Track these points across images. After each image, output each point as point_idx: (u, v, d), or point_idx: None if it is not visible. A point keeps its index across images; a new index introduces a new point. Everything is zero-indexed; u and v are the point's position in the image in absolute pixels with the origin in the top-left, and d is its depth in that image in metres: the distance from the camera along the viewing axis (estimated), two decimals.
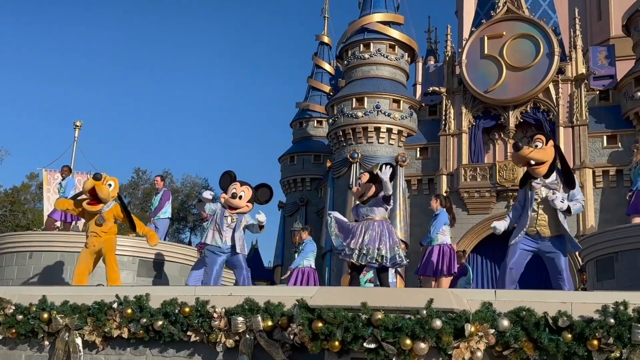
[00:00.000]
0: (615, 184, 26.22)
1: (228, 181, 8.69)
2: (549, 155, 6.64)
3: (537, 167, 6.63)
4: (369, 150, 29.41)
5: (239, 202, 8.54)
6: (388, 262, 7.43)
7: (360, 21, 30.97)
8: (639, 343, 4.68)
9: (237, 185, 8.61)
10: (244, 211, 8.65)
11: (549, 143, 6.76)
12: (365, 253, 7.38)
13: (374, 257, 7.37)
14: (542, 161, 6.59)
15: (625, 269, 9.51)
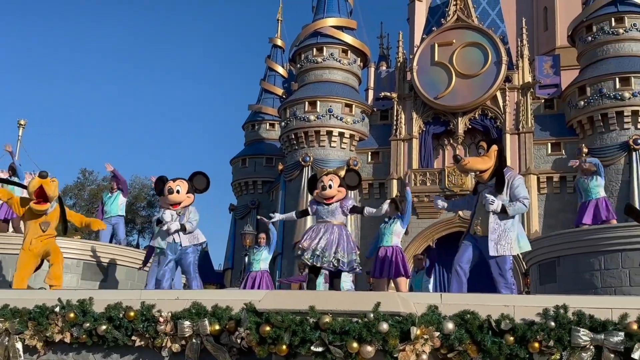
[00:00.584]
0: (558, 190, 27.02)
1: (161, 184, 8.61)
2: (490, 162, 6.82)
3: (480, 174, 6.84)
4: (321, 154, 29.52)
5: (177, 196, 8.44)
6: (345, 267, 7.44)
7: (313, 25, 31.09)
8: (579, 345, 4.81)
9: (171, 182, 8.53)
10: (186, 203, 8.54)
11: (491, 148, 6.94)
12: (319, 255, 7.37)
13: (330, 260, 7.37)
14: (482, 169, 6.81)
15: (566, 273, 9.80)
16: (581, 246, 9.67)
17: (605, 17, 26.93)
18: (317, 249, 7.38)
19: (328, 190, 7.66)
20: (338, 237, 7.45)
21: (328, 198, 7.69)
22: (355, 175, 8.24)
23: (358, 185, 8.25)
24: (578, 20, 28.03)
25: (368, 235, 27.10)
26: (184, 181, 8.62)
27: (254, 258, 12.62)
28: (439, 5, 31.03)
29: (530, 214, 26.67)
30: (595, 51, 27.16)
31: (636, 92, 25.56)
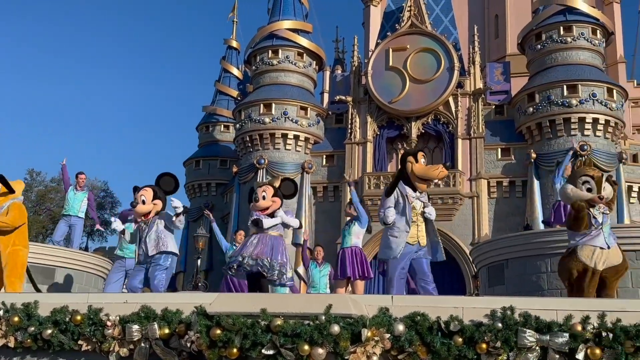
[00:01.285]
0: (508, 195, 27.62)
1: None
2: None
3: (426, 183, 6.99)
4: (276, 157, 29.46)
5: (143, 207, 8.18)
6: (274, 276, 7.45)
7: (269, 27, 31.03)
8: (525, 346, 4.90)
9: (137, 195, 8.27)
10: (155, 211, 8.27)
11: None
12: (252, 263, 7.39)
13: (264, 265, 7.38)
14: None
15: (514, 275, 10.01)
16: (528, 249, 9.90)
17: (554, 26, 27.70)
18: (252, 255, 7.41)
19: (261, 202, 7.68)
20: (270, 249, 7.47)
21: (262, 209, 7.72)
22: (291, 184, 8.25)
23: (294, 194, 8.24)
24: (528, 29, 28.76)
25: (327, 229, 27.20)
26: (148, 188, 8.33)
27: None
28: (394, 10, 31.41)
29: (480, 217, 27.21)
30: (544, 59, 27.90)
31: (583, 99, 26.36)
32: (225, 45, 37.81)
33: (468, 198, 27.45)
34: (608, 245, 6.59)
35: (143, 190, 8.26)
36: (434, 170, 6.98)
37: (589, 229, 6.60)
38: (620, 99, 27.28)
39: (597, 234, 6.61)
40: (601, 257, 6.52)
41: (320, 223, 28.83)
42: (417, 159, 6.99)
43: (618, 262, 6.61)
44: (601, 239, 6.60)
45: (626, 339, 4.64)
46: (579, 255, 6.59)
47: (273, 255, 7.53)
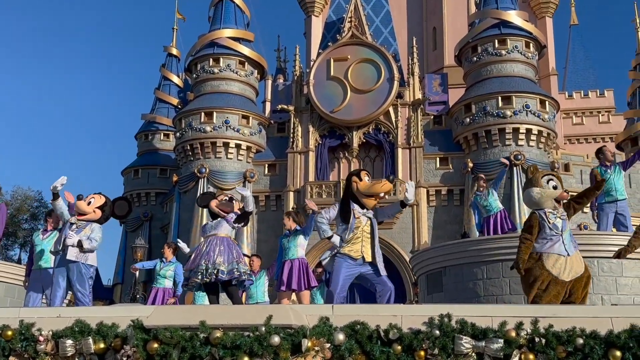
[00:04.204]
0: (446, 203, 28.21)
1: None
2: None
3: (371, 198, 7.07)
4: (217, 166, 29.21)
5: (84, 206, 8.00)
6: (225, 276, 7.39)
7: (210, 35, 30.80)
8: (461, 353, 4.98)
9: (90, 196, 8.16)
10: (91, 218, 8.07)
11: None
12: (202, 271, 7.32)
13: (212, 272, 7.32)
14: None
15: (452, 282, 10.21)
16: (466, 256, 10.12)
17: (489, 39, 28.56)
18: (201, 265, 7.35)
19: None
20: (219, 248, 7.44)
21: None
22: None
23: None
24: (464, 41, 29.55)
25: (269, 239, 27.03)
26: (102, 196, 8.19)
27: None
28: (335, 21, 31.74)
29: (419, 225, 27.69)
30: (480, 71, 28.71)
31: (517, 110, 27.24)
32: (165, 53, 37.27)
33: (408, 206, 27.79)
34: (568, 252, 6.56)
35: (97, 195, 8.15)
36: (377, 185, 7.08)
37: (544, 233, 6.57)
38: (552, 110, 28.33)
39: (557, 240, 6.58)
40: (565, 266, 6.50)
41: (262, 232, 28.72)
42: (360, 178, 7.11)
43: (582, 271, 6.58)
44: (560, 245, 6.58)
45: (558, 344, 4.78)
46: (545, 264, 6.54)
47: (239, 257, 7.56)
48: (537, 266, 6.54)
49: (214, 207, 7.73)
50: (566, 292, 6.50)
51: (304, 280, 9.83)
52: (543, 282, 6.44)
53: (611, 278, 8.94)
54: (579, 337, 4.72)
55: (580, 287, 6.55)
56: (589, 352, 4.66)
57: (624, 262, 9.03)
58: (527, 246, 6.56)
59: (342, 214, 7.12)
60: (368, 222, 7.10)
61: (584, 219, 25.74)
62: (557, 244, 6.56)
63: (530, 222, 6.66)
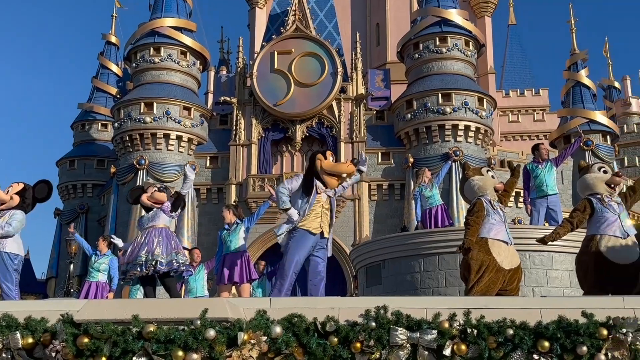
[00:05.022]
0: (387, 197, 28.57)
1: None
2: None
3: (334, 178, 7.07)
4: (157, 157, 28.67)
5: (2, 194, 7.66)
6: (164, 267, 7.26)
7: (150, 24, 30.15)
8: (396, 344, 5.04)
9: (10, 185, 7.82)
10: (10, 205, 7.73)
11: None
12: (141, 262, 7.16)
13: (151, 264, 7.18)
14: None
15: (390, 275, 10.35)
16: (404, 250, 10.27)
17: (430, 37, 29.02)
18: (141, 256, 7.19)
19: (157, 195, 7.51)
20: (157, 239, 7.29)
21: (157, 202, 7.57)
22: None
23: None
24: (406, 38, 29.94)
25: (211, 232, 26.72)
26: (21, 183, 7.86)
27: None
28: (279, 14, 31.60)
29: (361, 219, 27.95)
30: (422, 68, 29.15)
31: (456, 107, 27.81)
32: (104, 41, 36.26)
33: (350, 200, 28.11)
34: (510, 241, 6.67)
35: (15, 183, 7.83)
36: (342, 165, 7.12)
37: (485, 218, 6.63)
38: (490, 107, 29.05)
39: (501, 227, 6.66)
40: (507, 255, 6.58)
41: (204, 225, 28.39)
42: (325, 157, 7.12)
43: (518, 262, 6.69)
44: (505, 233, 6.67)
45: (489, 335, 4.88)
46: (491, 249, 6.57)
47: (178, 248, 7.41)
48: (482, 251, 6.62)
49: (145, 201, 7.57)
50: (504, 281, 6.64)
51: (245, 273, 9.77)
52: (487, 268, 6.55)
53: (542, 271, 9.25)
54: (509, 328, 4.84)
55: (517, 278, 6.71)
56: (518, 342, 4.78)
57: (554, 256, 9.35)
58: (474, 229, 6.62)
59: (304, 188, 7.08)
60: (328, 200, 7.12)
61: (519, 213, 26.57)
62: (502, 231, 6.68)
63: (476, 207, 6.76)
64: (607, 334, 4.72)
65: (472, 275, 6.57)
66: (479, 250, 6.61)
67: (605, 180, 6.75)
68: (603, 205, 6.65)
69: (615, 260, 6.47)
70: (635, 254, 6.56)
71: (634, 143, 37.55)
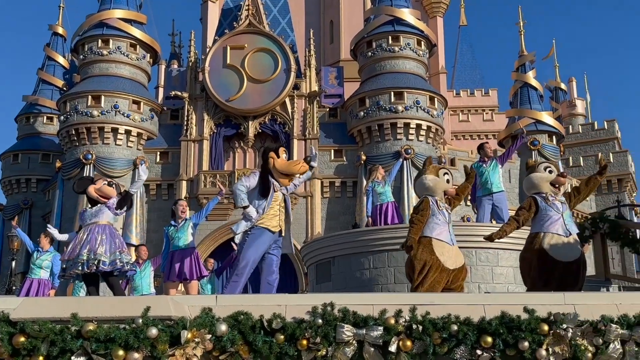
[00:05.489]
0: (339, 194, 28.67)
1: None
2: None
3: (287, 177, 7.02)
4: (105, 152, 28.04)
5: None
6: (107, 267, 7.05)
7: (99, 15, 29.44)
8: (343, 341, 5.03)
9: None
10: None
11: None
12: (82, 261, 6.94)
13: (93, 263, 6.96)
14: None
15: (340, 272, 10.37)
16: (354, 247, 10.30)
17: (383, 35, 29.23)
18: (82, 254, 6.96)
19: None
20: (100, 236, 7.08)
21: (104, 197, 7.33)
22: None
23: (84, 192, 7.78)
24: (360, 36, 30.08)
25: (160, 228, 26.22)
26: None
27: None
28: (232, 8, 31.29)
29: (313, 216, 27.97)
30: (374, 66, 29.34)
31: (408, 106, 28.10)
32: (50, 32, 35.19)
33: (302, 197, 28.09)
34: (453, 242, 6.76)
35: None
36: (295, 165, 7.04)
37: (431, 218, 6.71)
38: (441, 107, 29.46)
39: (444, 227, 6.74)
40: (450, 255, 6.66)
41: (153, 222, 27.89)
42: (278, 155, 7.01)
43: (462, 262, 6.78)
44: (447, 234, 6.76)
45: (434, 330, 4.92)
46: (434, 249, 6.66)
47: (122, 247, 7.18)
48: (426, 251, 6.69)
49: (92, 193, 7.33)
50: (448, 280, 6.72)
51: (195, 269, 9.64)
52: (431, 267, 6.61)
53: (488, 267, 9.41)
54: (454, 323, 4.89)
55: (461, 277, 6.80)
56: (462, 338, 4.83)
57: (499, 253, 9.53)
58: (418, 228, 6.68)
59: (261, 188, 6.99)
60: (283, 198, 7.06)
61: (467, 211, 27.04)
62: (445, 232, 6.75)
63: (422, 205, 6.81)
64: (548, 329, 4.81)
65: (415, 275, 6.64)
66: (423, 250, 6.68)
67: (550, 180, 6.89)
68: (547, 204, 6.78)
69: (557, 257, 6.61)
70: (577, 252, 6.72)
71: (578, 143, 38.69)
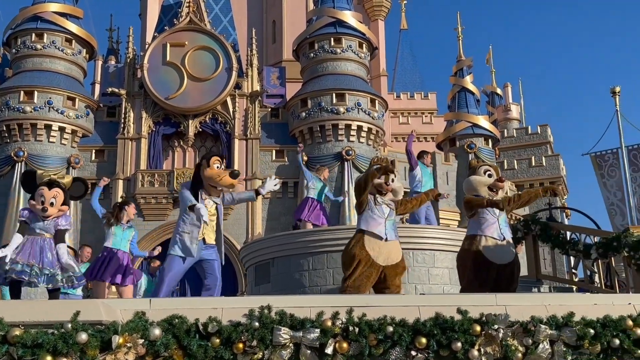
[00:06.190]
0: (280, 195, 28.59)
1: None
2: None
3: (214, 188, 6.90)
4: (38, 149, 27.09)
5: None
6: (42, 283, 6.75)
7: (33, 8, 28.46)
8: (279, 344, 5.00)
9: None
10: None
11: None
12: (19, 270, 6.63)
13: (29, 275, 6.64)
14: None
15: (279, 273, 10.33)
16: (293, 248, 10.27)
17: (325, 37, 29.35)
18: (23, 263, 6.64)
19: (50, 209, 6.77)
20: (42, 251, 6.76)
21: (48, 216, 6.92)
22: (82, 186, 7.45)
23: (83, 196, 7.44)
24: (302, 37, 30.11)
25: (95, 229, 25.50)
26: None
27: None
28: (172, 5, 30.76)
29: (254, 217, 27.82)
30: (317, 67, 29.42)
31: (349, 107, 28.31)
32: None
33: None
34: (387, 237, 6.79)
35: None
36: (217, 178, 6.83)
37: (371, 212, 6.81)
38: (382, 109, 29.81)
39: (379, 222, 6.80)
40: (381, 250, 6.70)
41: (88, 222, 27.05)
42: (209, 164, 6.85)
43: (398, 260, 6.83)
44: (382, 228, 6.80)
45: (370, 332, 4.95)
46: (365, 244, 6.71)
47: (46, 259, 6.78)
48: (357, 245, 6.75)
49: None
50: (380, 276, 6.77)
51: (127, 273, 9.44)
52: (360, 262, 6.67)
53: (424, 268, 9.56)
54: (389, 325, 4.93)
55: (395, 275, 6.87)
56: (397, 339, 4.88)
57: (436, 254, 9.70)
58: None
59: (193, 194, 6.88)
60: (214, 206, 6.93)
61: None
62: (379, 226, 6.80)
63: (360, 199, 6.95)
64: (480, 330, 4.91)
65: (345, 269, 6.73)
66: (354, 245, 6.79)
67: (488, 184, 7.02)
68: (485, 208, 6.93)
69: (492, 259, 6.77)
70: (511, 255, 6.89)
71: (512, 147, 39.86)
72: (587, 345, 4.99)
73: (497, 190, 7.03)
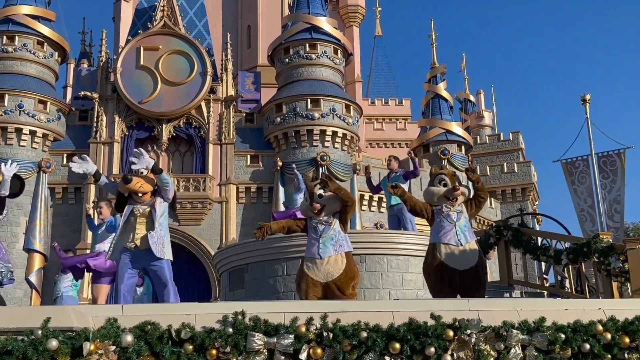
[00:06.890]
0: (255, 200, 28.52)
1: None
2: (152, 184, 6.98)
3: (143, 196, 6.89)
4: (8, 153, 26.60)
5: None
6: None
7: (4, 10, 28.09)
8: (253, 350, 4.99)
9: None
10: None
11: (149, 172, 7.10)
12: None
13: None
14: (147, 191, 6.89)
15: (253, 279, 10.29)
16: (267, 253, 10.24)
17: (300, 42, 29.39)
18: None
19: None
20: None
21: None
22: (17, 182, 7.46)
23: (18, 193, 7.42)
24: (277, 42, 30.11)
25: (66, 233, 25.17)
26: None
27: None
28: (146, 8, 30.57)
29: (228, 222, 27.69)
30: (292, 72, 29.44)
31: (324, 113, 28.37)
32: None
33: (217, 203, 27.76)
34: (321, 255, 6.55)
35: None
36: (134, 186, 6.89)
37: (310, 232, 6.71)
38: (356, 115, 29.93)
39: (314, 243, 6.63)
40: (318, 268, 6.53)
41: (58, 227, 26.74)
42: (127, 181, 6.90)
43: (338, 273, 6.52)
44: (315, 248, 6.62)
45: (344, 338, 4.96)
46: (303, 266, 6.64)
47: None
48: (299, 268, 6.74)
49: None
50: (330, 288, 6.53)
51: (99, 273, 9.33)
52: (302, 282, 6.59)
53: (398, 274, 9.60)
54: (363, 330, 4.94)
55: (347, 284, 6.57)
56: (371, 344, 4.90)
57: (409, 259, 9.74)
58: None
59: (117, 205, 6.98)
60: (147, 209, 6.85)
61: (381, 218, 27.58)
62: (314, 247, 6.64)
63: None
64: (453, 335, 4.95)
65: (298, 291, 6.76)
66: (300, 266, 6.77)
67: (441, 193, 7.03)
68: (442, 216, 6.95)
69: (453, 266, 6.76)
70: (472, 260, 6.87)
71: (485, 153, 40.31)
72: (558, 350, 5.06)
73: (453, 198, 7.01)
